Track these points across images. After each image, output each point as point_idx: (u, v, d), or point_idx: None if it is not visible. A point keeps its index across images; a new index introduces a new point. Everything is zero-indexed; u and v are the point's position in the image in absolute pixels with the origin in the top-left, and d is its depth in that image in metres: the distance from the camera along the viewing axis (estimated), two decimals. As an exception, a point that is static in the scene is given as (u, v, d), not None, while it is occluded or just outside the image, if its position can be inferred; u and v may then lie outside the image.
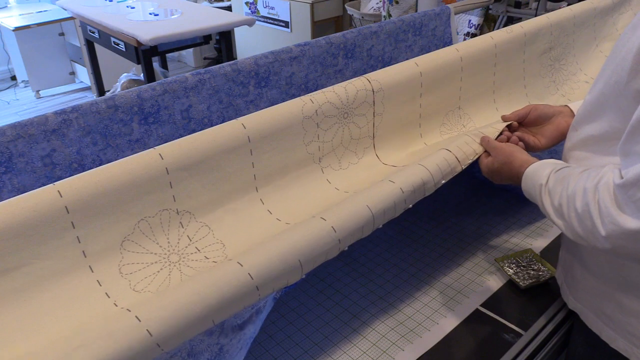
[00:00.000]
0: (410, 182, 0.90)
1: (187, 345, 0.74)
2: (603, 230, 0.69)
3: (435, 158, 0.96)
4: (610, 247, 0.70)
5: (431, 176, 0.92)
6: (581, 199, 0.73)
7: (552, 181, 0.81)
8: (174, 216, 0.80)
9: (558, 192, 0.79)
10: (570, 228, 0.76)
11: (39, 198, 0.68)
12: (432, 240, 1.31)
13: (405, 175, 0.91)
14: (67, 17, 4.05)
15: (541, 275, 1.13)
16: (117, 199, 0.73)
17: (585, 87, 1.45)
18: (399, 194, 0.88)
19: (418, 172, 0.92)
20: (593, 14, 1.50)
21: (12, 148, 0.86)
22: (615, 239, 0.69)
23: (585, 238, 0.73)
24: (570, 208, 0.75)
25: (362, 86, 1.02)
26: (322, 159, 1.00)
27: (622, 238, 0.68)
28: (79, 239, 0.71)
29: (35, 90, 4.45)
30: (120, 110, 0.96)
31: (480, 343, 0.99)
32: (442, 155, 0.97)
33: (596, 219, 0.70)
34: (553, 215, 0.81)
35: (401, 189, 0.88)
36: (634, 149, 0.67)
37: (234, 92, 1.11)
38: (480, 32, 3.20)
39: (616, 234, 0.68)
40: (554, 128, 1.02)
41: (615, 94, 0.75)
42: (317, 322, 1.07)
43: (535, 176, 0.86)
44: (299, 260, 0.75)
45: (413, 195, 0.90)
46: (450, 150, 0.98)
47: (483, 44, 1.24)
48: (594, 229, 0.71)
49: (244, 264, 0.71)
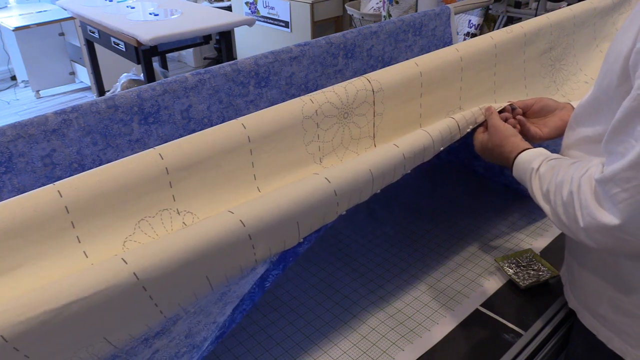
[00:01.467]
0: (412, 149, 0.92)
1: (186, 327, 0.74)
2: (582, 222, 0.71)
3: (439, 125, 0.98)
4: (588, 241, 0.72)
5: (432, 142, 0.95)
6: (568, 187, 0.75)
7: (544, 168, 0.84)
8: (174, 216, 0.80)
9: (548, 179, 0.81)
10: (555, 214, 0.78)
11: (39, 198, 0.68)
12: (432, 240, 1.31)
13: (409, 141, 0.92)
14: (67, 17, 4.06)
15: (541, 275, 1.13)
16: (117, 198, 0.73)
17: (585, 88, 1.45)
18: (401, 159, 0.90)
19: (421, 138, 0.94)
20: (593, 14, 1.50)
21: (12, 148, 0.86)
22: (592, 232, 0.70)
23: (568, 226, 0.75)
24: (557, 195, 0.77)
25: (362, 86, 1.02)
26: (323, 159, 1.00)
27: (598, 232, 0.70)
28: (79, 238, 0.71)
29: (35, 90, 4.45)
30: (120, 110, 0.96)
31: (480, 343, 0.99)
32: (446, 122, 0.99)
33: (577, 210, 0.72)
34: (541, 200, 0.83)
35: (403, 154, 0.90)
36: (614, 149, 0.69)
37: (234, 92, 1.11)
38: (480, 32, 3.20)
39: (592, 227, 0.70)
40: (557, 119, 1.04)
41: (607, 97, 0.76)
42: (317, 322, 1.07)
43: (527, 161, 0.88)
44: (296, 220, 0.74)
45: (413, 161, 0.92)
46: (454, 118, 1.00)
47: (483, 44, 1.24)
48: (575, 219, 0.73)
49: (236, 212, 0.70)
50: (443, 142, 0.97)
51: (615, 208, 0.66)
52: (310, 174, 0.98)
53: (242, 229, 0.69)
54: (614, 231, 0.67)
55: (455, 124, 1.00)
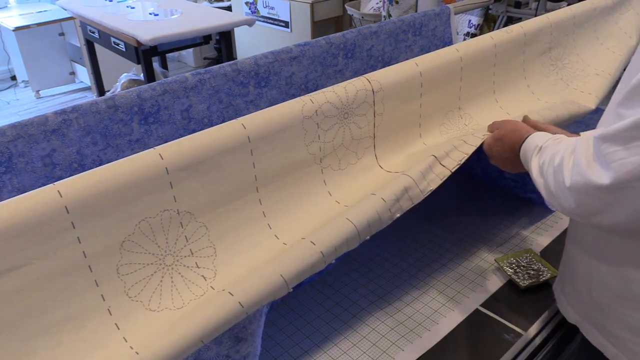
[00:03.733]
0: (391, 191, 0.92)
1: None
2: (569, 180, 0.70)
3: (420, 165, 0.98)
4: (570, 203, 0.70)
5: (414, 182, 0.94)
6: (561, 154, 0.74)
7: (548, 144, 0.83)
8: (174, 217, 0.80)
9: (547, 152, 0.80)
10: (546, 186, 0.77)
11: (39, 198, 0.68)
12: (432, 240, 1.31)
13: (388, 186, 0.94)
14: (67, 17, 4.05)
15: (541, 275, 1.13)
16: (118, 199, 0.73)
17: (597, 80, 1.44)
18: (381, 203, 0.90)
19: (401, 181, 0.94)
20: (593, 14, 1.50)
21: (12, 148, 0.86)
22: (576, 191, 0.69)
23: (555, 194, 0.74)
24: (550, 164, 0.76)
25: (362, 86, 1.02)
26: (323, 160, 1.00)
27: (584, 191, 0.68)
28: (80, 239, 0.71)
29: (35, 90, 4.45)
30: (120, 110, 0.96)
31: (480, 343, 0.99)
32: (427, 162, 0.98)
33: (566, 171, 0.71)
34: (536, 174, 0.81)
35: (382, 198, 0.91)
36: (625, 113, 0.66)
37: (234, 92, 1.11)
38: (480, 32, 3.20)
39: (579, 185, 0.68)
40: None
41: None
42: (317, 322, 1.07)
43: (535, 140, 0.87)
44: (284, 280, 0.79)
45: (398, 204, 0.92)
46: (436, 157, 0.99)
47: (483, 44, 1.24)
48: (562, 180, 0.71)
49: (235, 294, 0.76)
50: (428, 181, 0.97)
51: (608, 167, 0.65)
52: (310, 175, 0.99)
53: (240, 309, 0.75)
54: (600, 192, 0.66)
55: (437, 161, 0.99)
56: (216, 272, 0.84)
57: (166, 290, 0.79)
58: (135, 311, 0.76)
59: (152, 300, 0.77)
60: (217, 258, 0.85)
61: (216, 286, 0.82)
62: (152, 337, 0.73)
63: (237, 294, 0.76)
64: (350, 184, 1.03)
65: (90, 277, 0.73)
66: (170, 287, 0.79)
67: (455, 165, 0.99)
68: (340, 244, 0.86)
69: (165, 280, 0.79)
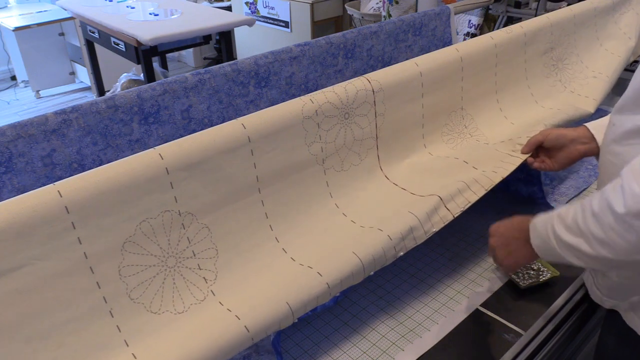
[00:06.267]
0: (398, 230, 0.93)
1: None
2: (622, 207, 0.63)
3: (425, 205, 0.99)
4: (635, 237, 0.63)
5: (419, 223, 0.96)
6: (598, 198, 0.68)
7: (563, 209, 0.77)
8: (175, 217, 0.80)
9: (571, 212, 0.74)
10: (589, 241, 0.69)
11: (39, 198, 0.68)
12: (432, 240, 1.31)
13: (394, 223, 0.95)
14: (67, 17, 4.05)
15: (541, 275, 1.13)
16: (118, 199, 0.73)
17: (595, 82, 1.45)
18: (387, 241, 0.91)
19: (407, 219, 0.96)
20: (593, 13, 1.50)
21: (12, 148, 0.86)
22: (632, 217, 0.63)
23: (607, 238, 0.66)
24: (586, 214, 0.69)
25: (362, 86, 1.02)
26: (326, 160, 1.00)
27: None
28: (80, 239, 0.71)
29: (35, 90, 4.45)
30: (120, 110, 0.96)
31: (480, 343, 0.99)
32: (433, 202, 0.99)
33: (617, 203, 0.64)
34: (571, 238, 0.72)
35: (389, 236, 0.92)
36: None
37: (234, 92, 1.11)
38: (480, 32, 3.20)
39: (635, 209, 0.62)
40: (565, 156, 1.06)
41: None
42: (318, 322, 1.07)
43: (544, 219, 0.82)
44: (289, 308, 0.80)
45: (402, 243, 0.94)
46: (441, 198, 1.00)
47: (483, 44, 1.24)
48: (613, 219, 0.65)
49: (242, 319, 0.77)
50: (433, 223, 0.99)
51: None
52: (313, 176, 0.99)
53: (246, 334, 0.76)
54: None
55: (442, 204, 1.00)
56: (217, 275, 0.84)
57: (168, 292, 0.79)
58: (136, 313, 0.76)
59: (154, 303, 0.77)
60: (218, 260, 0.85)
61: (216, 291, 0.82)
62: (155, 350, 0.73)
63: (244, 318, 0.77)
64: (352, 189, 1.03)
65: (92, 278, 0.73)
66: (171, 289, 0.79)
67: (459, 212, 1.01)
68: (347, 277, 0.87)
69: (167, 282, 0.79)
